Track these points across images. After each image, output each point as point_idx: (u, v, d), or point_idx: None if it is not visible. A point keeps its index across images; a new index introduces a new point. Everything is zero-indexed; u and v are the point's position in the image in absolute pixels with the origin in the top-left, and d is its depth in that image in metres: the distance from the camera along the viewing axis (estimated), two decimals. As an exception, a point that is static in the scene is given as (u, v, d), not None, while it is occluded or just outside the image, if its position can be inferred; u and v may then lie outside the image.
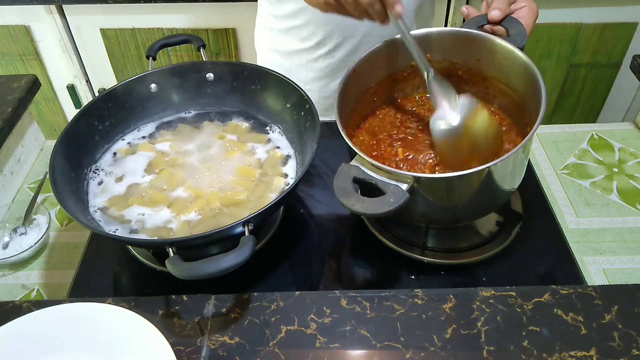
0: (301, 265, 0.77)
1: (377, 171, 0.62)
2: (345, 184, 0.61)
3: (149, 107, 0.90)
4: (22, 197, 0.94)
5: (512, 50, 0.73)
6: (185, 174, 0.81)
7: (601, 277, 0.75)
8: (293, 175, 0.80)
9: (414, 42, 0.70)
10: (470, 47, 0.77)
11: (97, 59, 1.67)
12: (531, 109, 0.71)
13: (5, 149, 0.94)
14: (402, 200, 0.59)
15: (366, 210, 0.59)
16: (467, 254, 0.77)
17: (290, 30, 1.01)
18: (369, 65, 0.79)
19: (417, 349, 0.60)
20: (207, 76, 0.90)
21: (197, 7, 1.53)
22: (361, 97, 0.81)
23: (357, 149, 0.64)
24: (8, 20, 1.57)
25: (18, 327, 0.62)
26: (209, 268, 0.57)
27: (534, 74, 0.69)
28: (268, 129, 0.89)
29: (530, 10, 0.76)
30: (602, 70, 1.65)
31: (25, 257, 0.81)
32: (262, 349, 0.61)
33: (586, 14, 1.53)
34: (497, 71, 0.77)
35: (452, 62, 0.81)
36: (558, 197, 0.88)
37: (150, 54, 0.92)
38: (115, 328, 0.61)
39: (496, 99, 0.80)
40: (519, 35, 0.73)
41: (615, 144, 0.98)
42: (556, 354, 0.59)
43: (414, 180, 0.61)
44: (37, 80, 1.04)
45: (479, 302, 0.65)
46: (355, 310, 0.65)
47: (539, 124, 0.63)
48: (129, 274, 0.79)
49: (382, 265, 0.77)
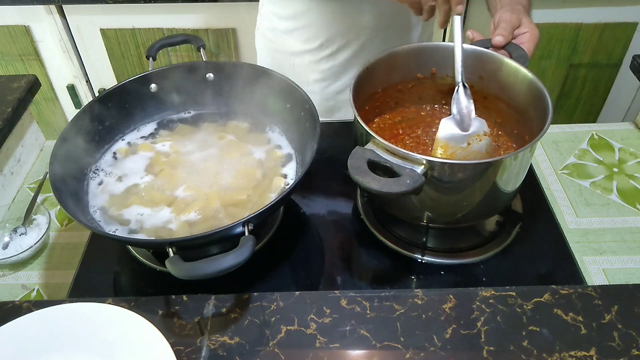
0: (301, 265, 0.77)
1: (392, 155, 0.63)
2: (360, 164, 0.62)
3: (149, 107, 0.90)
4: (22, 197, 0.94)
5: (517, 67, 0.76)
6: (185, 174, 0.81)
7: (601, 277, 0.75)
8: (293, 176, 0.80)
9: (461, 46, 0.72)
10: (476, 64, 0.79)
11: (97, 59, 1.67)
12: (533, 121, 0.74)
13: (5, 149, 0.94)
14: (419, 182, 0.60)
15: (382, 188, 0.59)
16: (467, 254, 0.77)
17: (294, 32, 1.01)
18: (383, 66, 0.81)
19: (417, 349, 0.60)
20: (207, 76, 0.90)
21: (197, 7, 1.53)
22: (367, 101, 0.81)
23: (373, 132, 0.65)
24: (8, 20, 1.57)
25: (18, 327, 0.62)
26: (209, 268, 0.57)
27: (539, 89, 0.72)
28: (268, 129, 0.88)
29: (532, 36, 0.79)
30: (602, 70, 1.65)
31: (25, 257, 0.81)
32: (262, 349, 0.61)
33: (586, 14, 1.53)
34: (499, 89, 0.80)
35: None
36: (558, 197, 0.88)
37: (150, 54, 0.92)
38: (115, 328, 0.61)
39: (492, 117, 0.83)
40: (522, 58, 0.77)
41: (615, 144, 0.98)
42: (556, 354, 0.59)
43: (428, 165, 0.61)
44: (37, 81, 1.04)
45: (479, 302, 0.65)
46: (355, 310, 0.65)
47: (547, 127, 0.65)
48: (129, 274, 0.79)
49: (382, 265, 0.77)
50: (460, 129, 0.72)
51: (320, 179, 0.91)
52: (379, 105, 0.85)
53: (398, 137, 0.82)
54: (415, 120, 0.86)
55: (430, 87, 0.85)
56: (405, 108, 0.87)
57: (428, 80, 0.85)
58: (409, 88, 0.85)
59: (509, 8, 0.81)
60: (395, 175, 0.62)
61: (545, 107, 0.69)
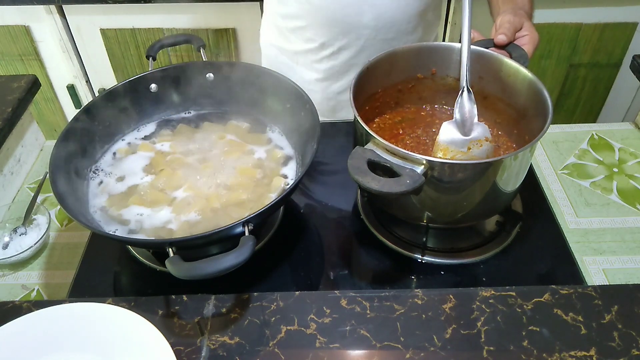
0: (301, 265, 0.77)
1: (392, 155, 0.63)
2: (360, 164, 0.62)
3: (149, 107, 0.90)
4: (22, 197, 0.94)
5: (517, 67, 0.76)
6: (185, 174, 0.81)
7: (601, 277, 0.75)
8: (293, 176, 0.80)
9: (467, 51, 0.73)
10: (476, 64, 0.79)
11: (97, 59, 1.67)
12: (533, 121, 0.74)
13: (5, 149, 0.94)
14: (418, 182, 0.60)
15: (382, 188, 0.59)
16: (467, 254, 0.77)
17: (295, 31, 1.02)
18: (383, 65, 0.81)
19: (417, 349, 0.60)
20: (207, 76, 0.90)
21: (197, 7, 1.53)
22: (367, 101, 0.81)
23: (373, 132, 0.65)
24: (8, 20, 1.57)
25: (18, 327, 0.62)
26: (209, 268, 0.57)
27: (539, 89, 0.72)
28: (268, 129, 0.88)
29: (531, 39, 0.81)
30: (602, 70, 1.65)
31: (25, 257, 0.81)
32: (262, 349, 0.61)
33: (586, 14, 1.53)
34: (499, 89, 0.80)
35: (456, 79, 0.82)
36: (558, 197, 0.88)
37: (150, 54, 0.92)
38: (115, 328, 0.61)
39: (492, 117, 0.83)
40: (522, 58, 0.77)
41: (615, 144, 0.98)
42: (556, 354, 0.59)
43: (428, 165, 0.61)
44: (37, 80, 1.04)
45: (479, 302, 0.65)
46: (355, 310, 0.65)
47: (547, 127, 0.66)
48: (129, 274, 0.79)
49: (382, 265, 0.77)
50: (461, 133, 0.72)
51: (320, 179, 0.91)
52: (379, 105, 0.85)
53: (398, 137, 0.82)
54: (416, 120, 0.86)
55: (430, 87, 0.85)
56: (405, 108, 0.87)
57: (428, 80, 0.85)
58: (409, 88, 0.85)
59: (511, 11, 0.83)
60: (395, 175, 0.62)
61: (545, 107, 0.70)
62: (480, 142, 0.72)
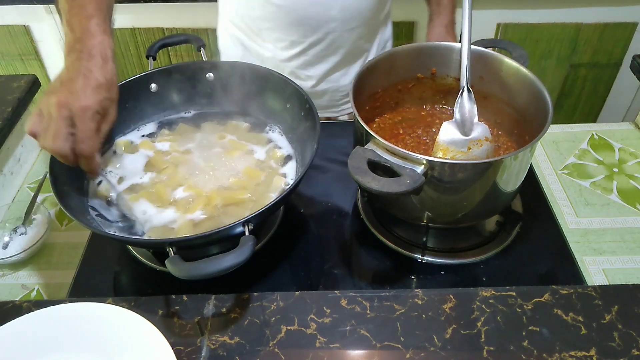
0: (301, 265, 0.77)
1: (392, 155, 0.63)
2: (360, 164, 0.62)
3: (149, 107, 0.90)
4: (22, 197, 0.94)
5: (517, 67, 0.76)
6: (185, 173, 0.81)
7: (601, 277, 0.75)
8: (293, 176, 0.80)
9: (468, 52, 0.73)
10: (476, 64, 0.79)
11: (97, 59, 1.66)
12: (533, 121, 0.74)
13: (5, 149, 0.94)
14: (419, 182, 0.60)
15: (382, 188, 0.59)
16: (467, 254, 0.77)
17: (262, 32, 1.01)
18: (383, 65, 0.81)
19: (417, 349, 0.60)
20: (207, 76, 0.90)
21: (197, 7, 1.53)
22: (367, 101, 0.81)
23: (373, 132, 0.65)
24: (8, 20, 1.57)
25: (18, 327, 0.62)
26: (209, 268, 0.57)
27: (539, 89, 0.73)
28: (268, 129, 0.88)
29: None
30: (602, 70, 1.65)
31: (25, 257, 0.81)
32: (262, 349, 0.61)
33: (586, 14, 1.53)
34: (499, 89, 0.80)
35: (456, 78, 0.82)
36: (558, 197, 0.88)
37: (150, 54, 0.92)
38: (115, 328, 0.61)
39: (492, 117, 0.83)
40: (522, 58, 0.78)
41: (615, 144, 0.98)
42: (556, 354, 0.59)
43: (428, 165, 0.61)
44: (37, 80, 1.04)
45: (479, 302, 0.65)
46: (355, 310, 0.65)
47: (547, 128, 0.66)
48: (129, 274, 0.79)
49: (382, 265, 0.77)
50: (461, 133, 0.72)
51: (320, 179, 0.91)
52: (379, 105, 0.85)
53: (399, 137, 0.82)
54: (416, 120, 0.86)
55: (430, 87, 0.85)
56: (405, 108, 0.87)
57: (428, 80, 0.85)
58: (409, 88, 0.85)
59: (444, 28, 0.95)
60: (395, 175, 0.62)
61: (546, 107, 0.70)
62: (480, 142, 0.72)
